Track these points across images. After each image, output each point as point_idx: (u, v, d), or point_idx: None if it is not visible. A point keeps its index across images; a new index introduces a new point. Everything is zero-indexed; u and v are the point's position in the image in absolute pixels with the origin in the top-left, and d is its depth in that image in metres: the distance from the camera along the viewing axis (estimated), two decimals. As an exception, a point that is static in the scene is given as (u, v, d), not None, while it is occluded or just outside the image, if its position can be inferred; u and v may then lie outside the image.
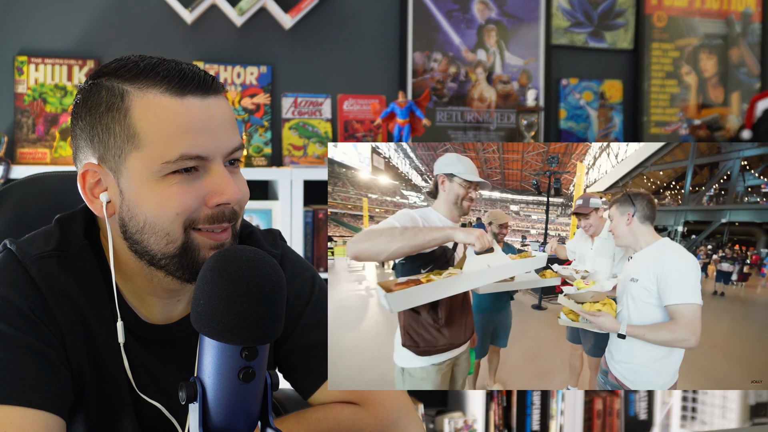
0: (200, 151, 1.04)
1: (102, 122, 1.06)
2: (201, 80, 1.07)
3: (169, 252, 1.07)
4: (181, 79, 1.06)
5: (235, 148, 1.09)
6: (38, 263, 1.08)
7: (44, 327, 1.06)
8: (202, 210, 1.06)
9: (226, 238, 1.09)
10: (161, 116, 1.04)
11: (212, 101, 1.07)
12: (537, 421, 3.01)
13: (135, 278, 1.13)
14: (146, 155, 1.04)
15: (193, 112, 1.05)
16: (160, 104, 1.05)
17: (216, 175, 1.06)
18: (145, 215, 1.05)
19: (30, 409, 1.00)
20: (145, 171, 1.04)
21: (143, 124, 1.04)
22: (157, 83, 1.06)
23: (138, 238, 1.07)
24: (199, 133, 1.05)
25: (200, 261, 1.07)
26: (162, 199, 1.04)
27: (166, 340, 1.18)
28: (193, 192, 1.05)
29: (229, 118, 1.10)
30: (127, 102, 1.05)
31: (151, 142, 1.04)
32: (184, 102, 1.05)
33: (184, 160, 1.04)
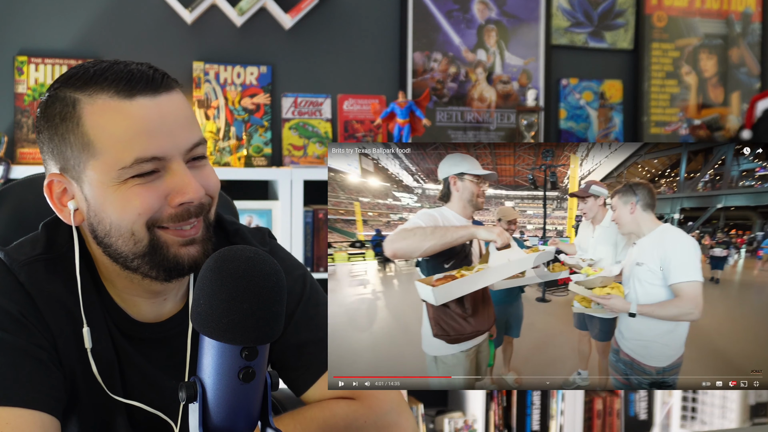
0: (155, 152, 1.04)
1: (58, 133, 1.06)
2: (149, 79, 1.05)
3: (138, 251, 1.07)
4: (129, 81, 1.04)
5: (195, 144, 1.08)
6: (26, 268, 1.09)
7: (35, 330, 1.06)
8: (165, 209, 1.06)
9: (195, 233, 1.09)
10: (112, 121, 1.03)
11: (164, 99, 1.06)
12: (537, 421, 3.01)
13: (117, 281, 1.14)
14: (103, 163, 1.04)
15: (143, 112, 1.04)
16: (110, 108, 1.04)
17: (176, 175, 1.05)
18: (110, 219, 1.06)
19: (25, 410, 1.00)
20: (105, 178, 1.04)
21: (96, 131, 1.04)
22: (106, 88, 1.04)
23: (107, 241, 1.08)
24: (152, 134, 1.03)
25: (171, 258, 1.08)
26: (123, 202, 1.04)
27: (156, 338, 1.18)
28: (154, 192, 1.05)
29: (184, 115, 1.08)
30: (79, 110, 1.05)
31: (105, 149, 1.03)
32: (134, 103, 1.04)
33: (140, 164, 1.03)
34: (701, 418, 3.23)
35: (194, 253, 1.09)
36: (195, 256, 1.09)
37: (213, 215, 1.14)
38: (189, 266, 1.09)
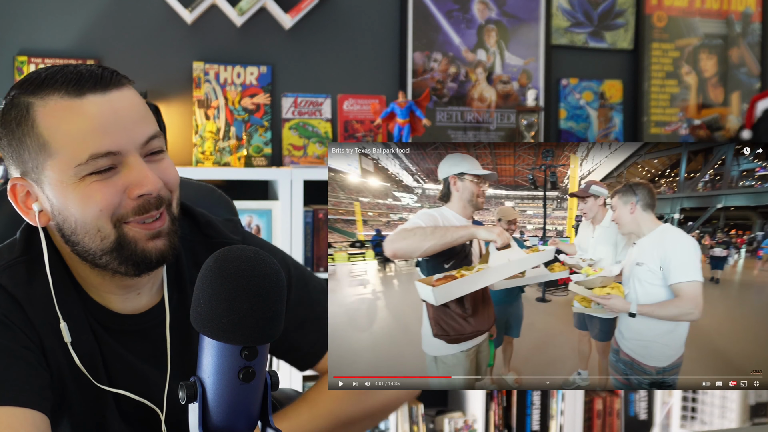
0: (110, 147, 1.05)
1: (15, 138, 1.08)
2: (98, 77, 1.07)
3: (106, 248, 1.09)
4: (78, 80, 1.06)
5: (150, 137, 1.10)
6: (8, 272, 1.11)
7: (20, 332, 1.08)
8: (126, 203, 1.08)
9: (161, 226, 1.11)
10: (64, 120, 1.05)
11: (115, 96, 1.08)
12: (537, 421, 3.01)
13: (89, 278, 1.15)
14: (59, 162, 1.06)
15: (94, 109, 1.06)
16: (62, 108, 1.06)
17: (133, 168, 1.07)
18: (74, 217, 1.07)
19: (17, 408, 1.02)
20: (63, 176, 1.06)
21: (49, 132, 1.06)
22: (56, 89, 1.06)
23: (75, 239, 1.09)
24: (105, 130, 1.05)
25: (139, 253, 1.10)
26: (84, 198, 1.06)
27: (136, 330, 1.19)
28: (113, 187, 1.06)
29: (136, 110, 1.10)
30: (33, 114, 1.07)
31: (60, 148, 1.05)
32: (85, 101, 1.06)
33: (96, 160, 1.05)
34: (701, 418, 3.23)
35: (161, 246, 1.11)
36: (162, 249, 1.11)
37: (176, 208, 1.16)
38: (157, 259, 1.11)
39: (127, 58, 2.83)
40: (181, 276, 1.24)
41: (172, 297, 1.22)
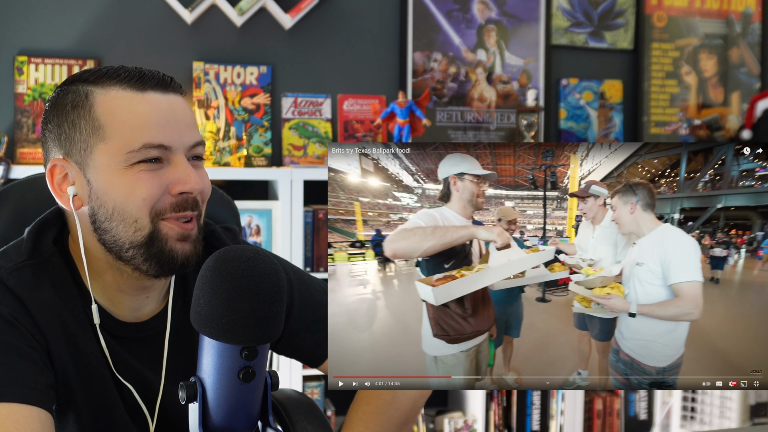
0: (162, 140, 1.09)
1: (68, 120, 1.11)
2: (160, 78, 1.12)
3: (136, 241, 1.10)
4: (141, 77, 1.11)
5: (196, 143, 1.14)
6: (14, 274, 1.12)
7: (26, 332, 1.09)
8: (166, 198, 1.10)
9: (192, 229, 1.13)
10: (124, 108, 1.09)
11: (173, 98, 1.13)
12: (537, 421, 3.01)
13: (105, 275, 1.16)
14: (111, 146, 1.08)
15: (154, 104, 1.10)
16: (123, 98, 1.10)
17: (178, 166, 1.10)
18: (114, 202, 1.09)
19: (23, 405, 1.02)
20: (112, 161, 1.09)
21: (107, 117, 1.09)
22: (119, 81, 1.11)
23: (107, 226, 1.11)
24: (160, 124, 1.09)
25: (167, 252, 1.11)
26: (129, 185, 1.08)
27: (139, 337, 1.20)
28: (157, 180, 1.09)
29: (189, 115, 1.14)
30: (92, 99, 1.10)
31: (115, 133, 1.08)
32: (146, 96, 1.10)
33: (147, 149, 1.08)
34: (701, 418, 3.23)
35: (188, 250, 1.13)
36: (188, 253, 1.13)
37: (202, 219, 1.18)
38: (182, 262, 1.13)
39: (127, 58, 2.83)
40: (186, 285, 1.25)
41: (176, 305, 1.23)
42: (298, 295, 1.32)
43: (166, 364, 1.21)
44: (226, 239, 1.29)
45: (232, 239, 1.32)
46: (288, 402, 1.41)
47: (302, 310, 1.31)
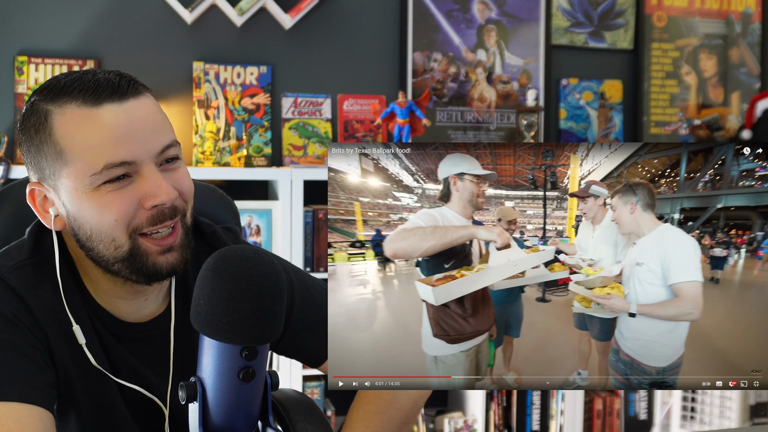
0: (124, 157, 1.06)
1: (34, 144, 1.10)
2: (115, 87, 1.07)
3: (119, 256, 1.10)
4: (95, 89, 1.07)
5: (166, 147, 1.10)
6: (16, 273, 1.12)
7: (28, 331, 1.09)
8: (140, 213, 1.08)
9: (173, 241, 1.12)
10: (80, 129, 1.06)
11: (131, 105, 1.08)
12: (537, 421, 3.01)
13: (100, 282, 1.16)
14: (75, 171, 1.06)
15: (111, 119, 1.06)
16: (78, 117, 1.06)
17: (147, 179, 1.07)
18: (89, 224, 1.08)
19: (24, 404, 1.02)
20: (78, 185, 1.07)
21: (66, 140, 1.06)
22: (74, 97, 1.07)
23: (89, 245, 1.10)
24: (120, 140, 1.06)
25: (150, 265, 1.10)
26: (99, 208, 1.07)
27: (140, 338, 1.21)
28: (127, 197, 1.07)
29: (153, 119, 1.10)
30: (50, 121, 1.08)
31: (76, 156, 1.06)
32: (101, 110, 1.06)
33: (110, 169, 1.05)
34: (701, 418, 3.23)
35: (172, 260, 1.12)
36: (173, 263, 1.12)
37: (190, 218, 1.16)
38: (167, 272, 1.12)
39: (127, 58, 2.83)
40: (186, 285, 1.25)
41: (177, 305, 1.24)
42: (299, 296, 1.31)
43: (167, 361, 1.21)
44: (227, 240, 1.29)
45: (233, 240, 1.31)
46: (288, 402, 1.41)
47: (303, 311, 1.31)
